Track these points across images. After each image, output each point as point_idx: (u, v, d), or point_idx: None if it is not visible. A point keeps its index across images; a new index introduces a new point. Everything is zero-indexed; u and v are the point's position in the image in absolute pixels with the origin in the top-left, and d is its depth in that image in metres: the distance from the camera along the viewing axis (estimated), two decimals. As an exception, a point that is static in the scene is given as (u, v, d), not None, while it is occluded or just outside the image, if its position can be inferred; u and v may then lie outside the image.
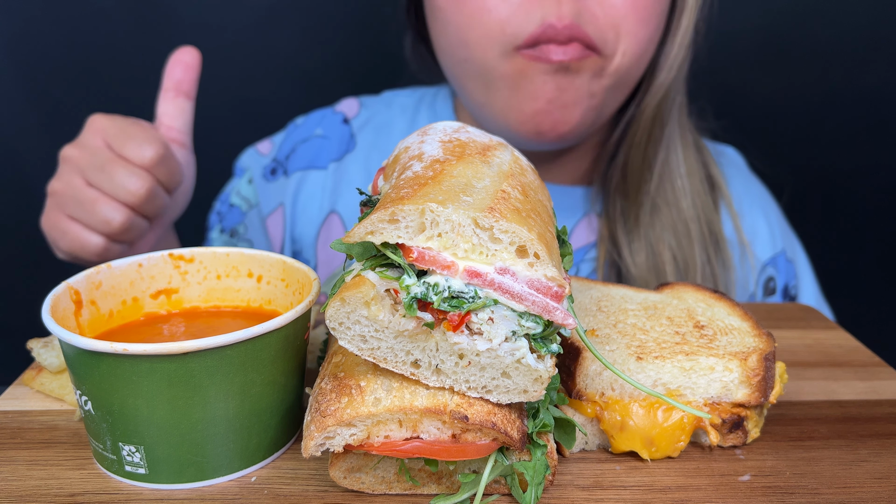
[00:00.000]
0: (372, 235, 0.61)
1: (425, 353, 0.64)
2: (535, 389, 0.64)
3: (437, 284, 0.61)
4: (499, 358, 0.62)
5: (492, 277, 0.61)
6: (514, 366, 0.63)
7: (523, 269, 0.61)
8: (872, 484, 0.71)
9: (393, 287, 0.62)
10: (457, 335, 0.62)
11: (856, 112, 1.83)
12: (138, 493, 0.69)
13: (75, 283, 0.76)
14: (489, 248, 0.61)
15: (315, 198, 1.38)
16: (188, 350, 0.64)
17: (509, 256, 0.61)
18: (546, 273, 0.61)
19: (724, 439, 0.76)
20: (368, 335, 0.63)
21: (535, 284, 0.61)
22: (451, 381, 0.64)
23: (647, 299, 0.88)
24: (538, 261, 0.61)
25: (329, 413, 0.62)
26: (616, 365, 0.74)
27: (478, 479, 0.66)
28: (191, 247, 0.85)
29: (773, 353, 0.76)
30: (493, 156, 0.72)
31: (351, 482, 0.68)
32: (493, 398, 0.64)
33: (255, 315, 0.84)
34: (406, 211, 0.60)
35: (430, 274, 0.61)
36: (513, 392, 0.64)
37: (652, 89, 1.21)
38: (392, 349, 0.64)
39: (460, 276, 0.61)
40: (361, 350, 0.64)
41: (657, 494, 0.69)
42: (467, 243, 0.61)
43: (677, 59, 1.20)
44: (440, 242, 0.61)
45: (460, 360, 0.63)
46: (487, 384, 0.64)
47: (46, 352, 0.85)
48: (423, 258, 0.61)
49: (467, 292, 0.61)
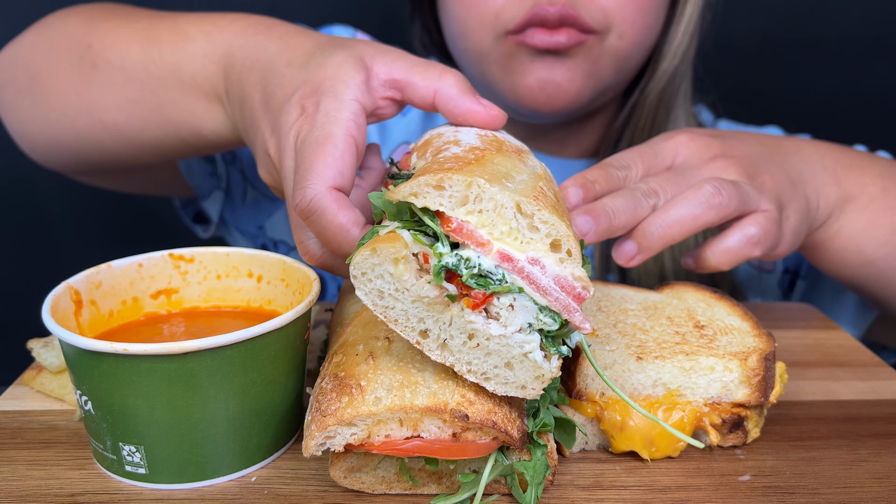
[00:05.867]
0: (416, 197, 0.61)
1: (437, 324, 0.63)
2: (534, 387, 0.63)
3: (469, 259, 0.61)
4: (508, 347, 0.62)
5: (522, 265, 0.61)
6: (520, 359, 0.62)
7: (553, 263, 0.61)
8: (872, 484, 0.71)
9: (424, 252, 0.61)
10: (474, 314, 0.61)
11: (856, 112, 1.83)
12: (138, 493, 0.69)
13: (75, 283, 0.76)
14: (525, 235, 0.61)
15: None
16: (188, 350, 0.64)
17: (543, 248, 0.61)
18: (574, 272, 0.61)
19: (724, 439, 0.76)
20: (387, 292, 0.62)
21: (561, 281, 0.61)
22: (454, 360, 0.63)
23: (647, 299, 0.88)
24: (569, 258, 0.61)
25: (330, 412, 0.62)
26: (616, 365, 0.74)
27: (478, 479, 0.66)
28: (191, 247, 0.85)
29: (773, 353, 0.76)
30: (528, 158, 0.73)
31: (351, 482, 0.68)
32: (489, 386, 0.64)
33: (255, 315, 0.84)
34: (454, 180, 0.60)
35: (462, 248, 0.61)
36: (511, 385, 0.64)
37: (656, 75, 1.23)
38: (406, 312, 0.63)
39: (492, 256, 0.61)
40: (375, 305, 0.63)
41: (657, 494, 0.69)
42: (506, 226, 0.61)
43: (681, 46, 1.21)
44: (479, 219, 0.61)
45: (469, 341, 0.63)
46: (488, 371, 0.63)
47: (46, 352, 0.85)
48: (460, 230, 0.61)
49: (495, 274, 0.61)
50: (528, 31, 1.10)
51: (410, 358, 0.66)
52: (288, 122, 0.79)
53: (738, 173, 0.91)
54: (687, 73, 1.26)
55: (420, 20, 1.40)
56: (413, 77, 0.80)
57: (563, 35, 1.08)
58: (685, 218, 0.83)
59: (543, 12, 1.07)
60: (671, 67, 1.22)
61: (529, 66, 1.13)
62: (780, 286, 1.37)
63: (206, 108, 1.00)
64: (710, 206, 0.83)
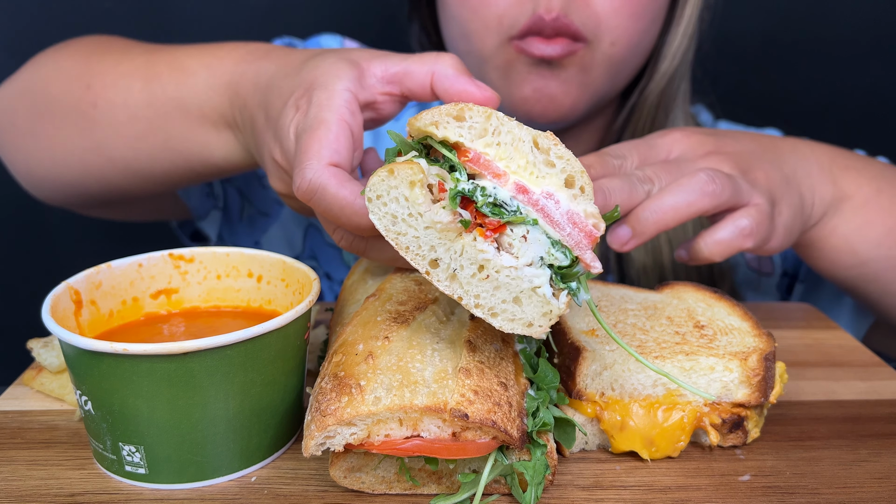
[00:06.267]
0: (436, 127, 0.62)
1: (448, 253, 0.62)
2: (541, 324, 0.63)
3: (485, 188, 0.62)
4: (518, 280, 0.62)
5: (537, 198, 0.62)
6: (529, 293, 0.62)
7: (567, 199, 0.63)
8: (872, 484, 0.71)
9: (441, 181, 0.62)
10: (486, 243, 0.62)
11: (855, 112, 1.83)
12: (138, 493, 0.69)
13: (75, 283, 0.76)
14: (541, 170, 0.63)
15: None
16: (188, 350, 0.64)
17: (557, 183, 0.63)
18: (587, 209, 0.63)
19: (724, 439, 0.76)
20: (400, 217, 0.62)
21: (573, 218, 0.63)
22: (462, 292, 0.63)
23: (647, 299, 0.88)
24: (582, 195, 0.63)
25: (329, 412, 0.62)
26: (616, 365, 0.74)
27: (478, 479, 0.66)
28: (191, 247, 0.85)
29: (773, 353, 0.76)
30: None
31: (351, 482, 0.68)
32: (496, 322, 0.63)
33: (255, 315, 0.84)
34: (475, 111, 0.62)
35: (479, 178, 0.62)
36: (518, 321, 0.63)
37: (655, 77, 1.23)
38: (417, 239, 0.62)
39: (508, 187, 0.62)
40: (388, 231, 0.63)
41: (657, 494, 0.69)
42: (522, 160, 0.62)
43: (681, 47, 1.22)
44: (497, 152, 0.62)
45: (479, 273, 0.62)
46: (495, 306, 0.63)
47: (46, 352, 0.85)
48: (477, 160, 0.62)
49: (510, 206, 0.62)
50: (528, 40, 1.10)
51: (410, 357, 0.66)
52: (286, 124, 0.80)
53: (732, 168, 0.92)
54: (686, 74, 1.26)
55: (419, 20, 1.40)
56: (410, 66, 0.82)
57: (557, 45, 1.09)
58: (679, 204, 0.84)
59: (541, 22, 1.08)
60: (670, 69, 1.22)
61: (526, 76, 1.14)
62: (779, 289, 1.37)
63: (216, 136, 1.01)
64: (703, 193, 0.84)
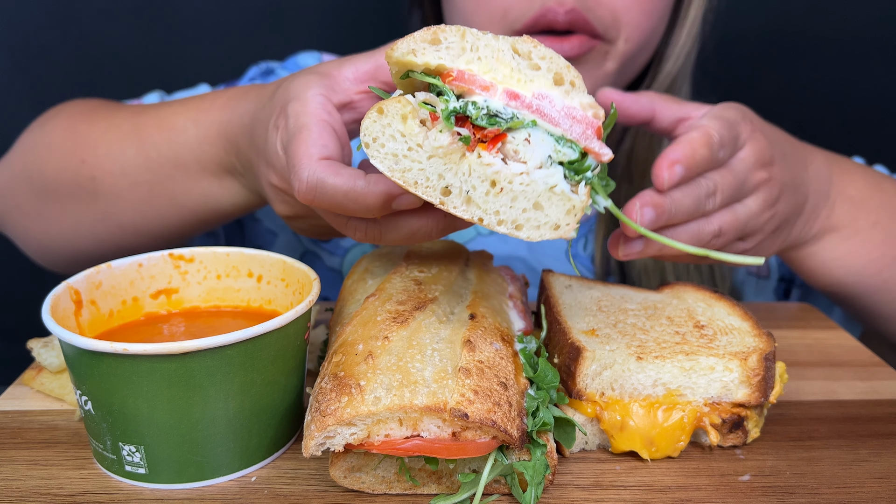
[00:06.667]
0: (413, 55, 0.62)
1: (457, 176, 0.62)
2: (568, 222, 0.62)
3: (476, 103, 0.61)
4: (532, 184, 0.61)
5: (530, 101, 0.62)
6: (548, 195, 0.62)
7: (560, 95, 0.62)
8: (872, 484, 0.71)
9: (431, 111, 0.62)
10: (491, 156, 0.61)
11: (855, 113, 1.83)
12: (138, 493, 0.69)
13: (75, 283, 0.76)
14: (527, 74, 0.62)
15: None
16: (188, 350, 0.64)
17: (547, 83, 0.62)
18: (582, 101, 0.62)
19: (724, 439, 0.76)
20: (401, 154, 0.62)
21: (571, 112, 0.62)
22: (480, 213, 0.62)
23: (647, 299, 0.88)
24: (574, 89, 0.62)
25: (329, 412, 0.62)
26: (616, 365, 0.74)
27: (477, 479, 0.66)
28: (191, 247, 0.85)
29: (773, 353, 0.76)
30: None
31: (351, 482, 0.68)
32: (523, 234, 0.63)
33: (255, 315, 0.84)
34: (448, 31, 0.62)
35: (467, 96, 0.62)
36: (545, 227, 0.62)
37: (659, 77, 1.23)
38: (424, 171, 0.62)
39: (499, 97, 0.62)
40: (393, 171, 0.62)
41: (657, 494, 0.69)
42: (506, 68, 0.62)
43: (685, 48, 1.21)
44: (480, 66, 0.62)
45: (492, 188, 0.62)
46: (518, 217, 0.62)
47: (46, 352, 0.85)
48: (462, 77, 0.61)
49: (505, 114, 0.62)
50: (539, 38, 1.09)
51: (410, 357, 0.66)
52: (272, 146, 0.82)
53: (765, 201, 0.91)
54: (688, 75, 1.26)
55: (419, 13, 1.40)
56: (379, 59, 0.83)
57: (574, 42, 1.07)
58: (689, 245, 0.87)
59: (552, 14, 1.05)
60: (674, 69, 1.22)
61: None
62: (776, 293, 1.37)
63: (219, 185, 1.02)
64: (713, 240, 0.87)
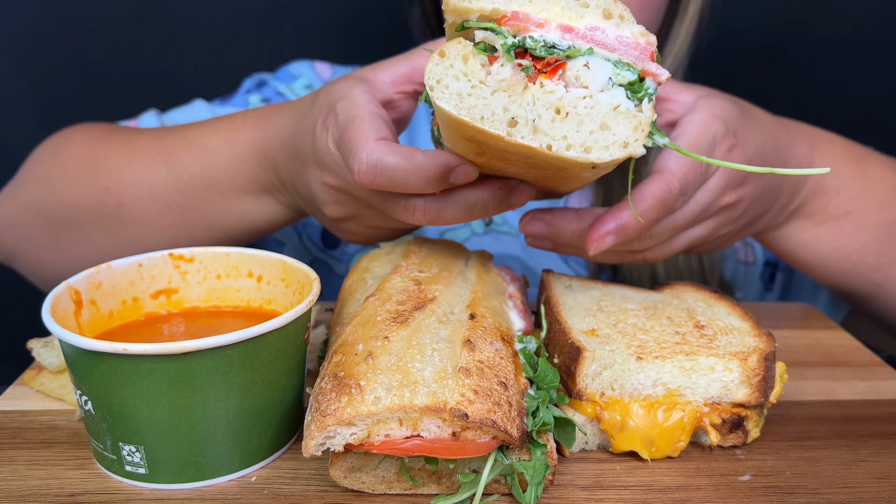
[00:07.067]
0: (469, 1, 0.66)
1: (522, 107, 0.63)
2: (636, 138, 0.64)
3: (533, 37, 0.65)
4: (597, 106, 0.63)
5: (584, 32, 0.66)
6: (613, 115, 0.64)
7: (611, 27, 0.66)
8: (872, 484, 0.71)
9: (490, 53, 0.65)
10: (553, 83, 0.64)
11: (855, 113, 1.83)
12: (138, 493, 0.69)
13: (75, 283, 0.76)
14: (578, 11, 0.66)
15: None
16: (188, 350, 0.64)
17: (597, 17, 0.66)
18: (633, 30, 0.66)
19: (724, 439, 0.76)
20: (465, 92, 0.64)
21: (623, 40, 0.66)
22: (549, 140, 0.64)
23: (648, 299, 0.88)
24: (623, 21, 0.66)
25: (329, 412, 0.62)
26: (616, 365, 0.74)
27: (478, 479, 0.66)
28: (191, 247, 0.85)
29: (773, 353, 0.76)
30: None
31: (351, 482, 0.68)
32: (593, 156, 0.64)
33: (255, 315, 0.84)
34: None
35: (524, 34, 0.65)
36: (613, 146, 0.64)
37: None
38: (489, 106, 0.64)
39: (554, 31, 0.65)
40: (459, 109, 0.64)
41: (657, 494, 0.69)
42: (557, 7, 0.66)
43: (683, 46, 1.22)
44: (532, 7, 0.66)
45: (557, 115, 0.64)
46: (586, 140, 0.64)
47: (46, 352, 0.85)
48: (517, 17, 0.65)
49: (562, 45, 0.65)
50: None
51: (410, 357, 0.66)
52: (324, 145, 0.84)
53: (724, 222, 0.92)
54: (682, 73, 1.26)
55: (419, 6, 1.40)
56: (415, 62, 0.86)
57: None
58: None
59: None
60: (671, 68, 1.22)
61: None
62: (762, 279, 1.38)
63: (255, 203, 1.02)
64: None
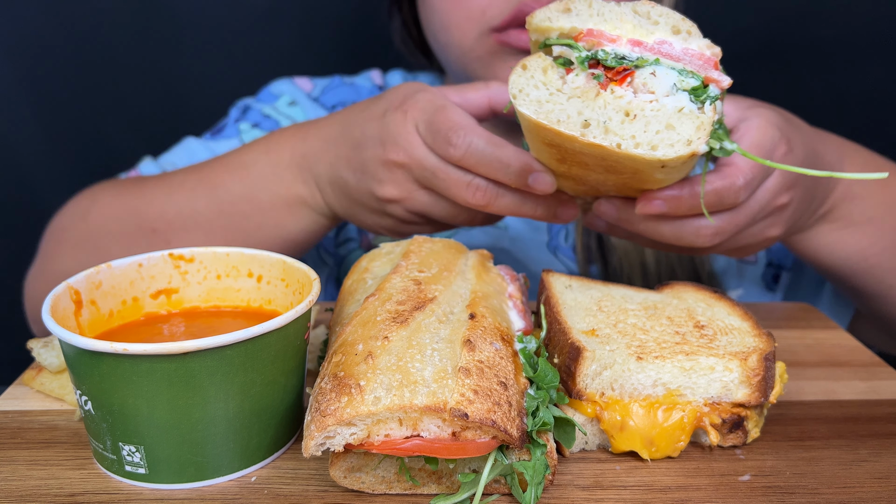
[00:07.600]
0: (549, 21, 0.75)
1: (595, 111, 0.72)
2: (699, 136, 0.70)
3: (605, 50, 0.73)
4: (662, 108, 0.71)
5: (652, 45, 0.73)
6: (677, 116, 0.71)
7: (679, 41, 0.73)
8: (872, 484, 0.71)
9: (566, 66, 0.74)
10: (623, 89, 0.72)
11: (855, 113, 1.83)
12: (138, 493, 0.69)
13: (75, 283, 0.76)
14: (648, 28, 0.74)
15: None
16: (188, 350, 0.64)
17: (665, 33, 0.73)
18: (698, 43, 0.73)
19: (724, 439, 0.76)
20: (544, 99, 0.73)
21: (689, 52, 0.73)
22: (618, 139, 0.71)
23: (648, 299, 0.88)
24: (690, 36, 0.73)
25: (329, 412, 0.63)
26: (616, 365, 0.74)
27: (478, 479, 0.66)
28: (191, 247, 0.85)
29: (773, 353, 0.76)
30: None
31: (351, 482, 0.68)
32: (659, 153, 0.71)
33: (255, 315, 0.84)
34: (576, 3, 0.75)
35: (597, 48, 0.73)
36: (678, 144, 0.70)
37: None
38: (565, 110, 0.72)
39: (624, 45, 0.73)
40: (538, 113, 0.73)
41: (657, 494, 0.69)
42: (629, 24, 0.74)
43: None
44: (605, 26, 0.74)
45: (626, 117, 0.71)
46: (652, 139, 0.71)
47: (46, 352, 0.85)
48: (591, 34, 0.73)
49: (631, 56, 0.73)
50: (511, 32, 1.10)
51: (410, 357, 0.66)
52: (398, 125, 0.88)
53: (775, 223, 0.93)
54: None
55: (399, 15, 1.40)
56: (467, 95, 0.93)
57: None
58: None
59: (528, 9, 1.06)
60: None
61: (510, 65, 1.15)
62: (764, 279, 1.37)
63: (291, 214, 1.04)
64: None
